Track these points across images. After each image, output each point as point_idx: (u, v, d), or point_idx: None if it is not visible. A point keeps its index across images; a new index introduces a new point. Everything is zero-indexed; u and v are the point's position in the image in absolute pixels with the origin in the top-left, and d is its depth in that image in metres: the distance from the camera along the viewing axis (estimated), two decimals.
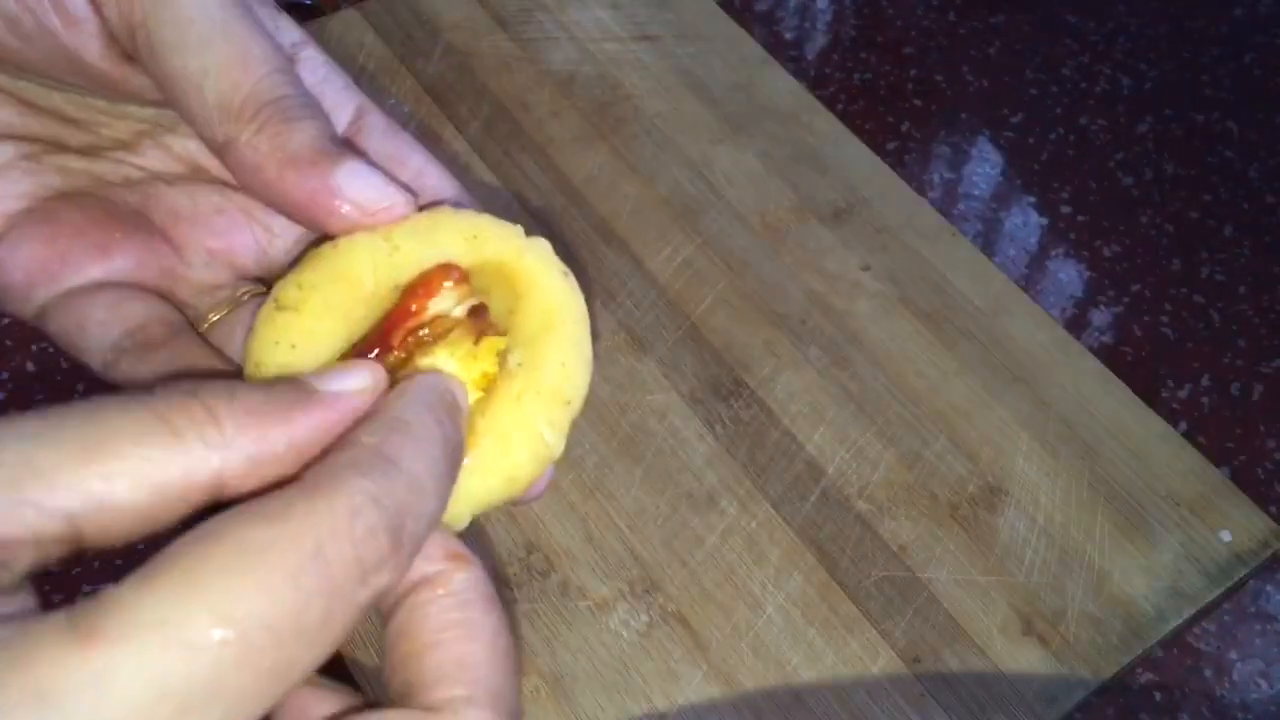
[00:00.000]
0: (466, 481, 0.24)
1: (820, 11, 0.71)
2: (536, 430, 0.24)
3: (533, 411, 0.24)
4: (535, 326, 0.25)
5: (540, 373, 0.24)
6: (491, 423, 0.24)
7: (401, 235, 0.25)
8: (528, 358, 0.25)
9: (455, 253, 0.25)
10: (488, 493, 0.24)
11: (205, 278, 0.29)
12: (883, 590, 0.47)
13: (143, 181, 0.29)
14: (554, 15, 0.65)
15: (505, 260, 0.25)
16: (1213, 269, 0.60)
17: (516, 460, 0.24)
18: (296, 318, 0.25)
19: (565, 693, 0.44)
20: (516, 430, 0.24)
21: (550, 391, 0.24)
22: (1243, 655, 0.48)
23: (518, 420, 0.24)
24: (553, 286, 0.25)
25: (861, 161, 0.60)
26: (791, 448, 0.51)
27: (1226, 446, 0.54)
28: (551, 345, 0.25)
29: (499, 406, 0.24)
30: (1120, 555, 0.48)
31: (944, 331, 0.54)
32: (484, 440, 0.24)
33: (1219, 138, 0.65)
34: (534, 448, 0.24)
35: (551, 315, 0.25)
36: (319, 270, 0.25)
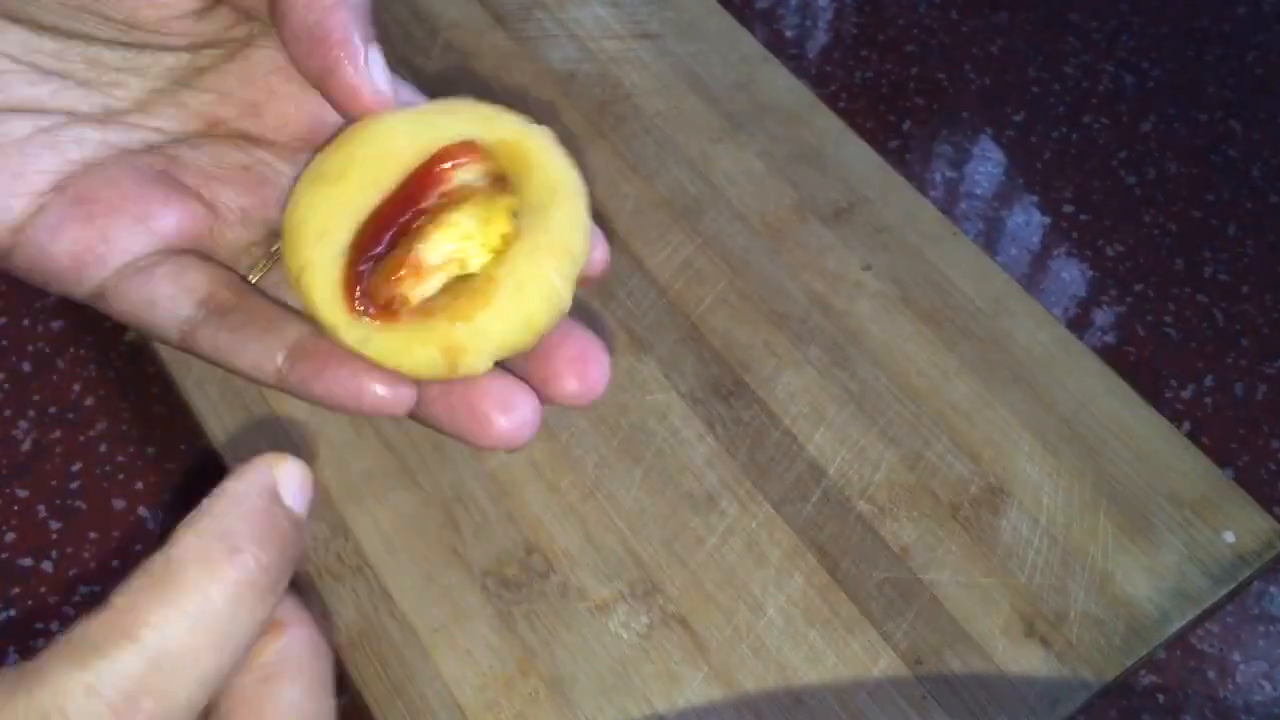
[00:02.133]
0: (489, 326, 0.26)
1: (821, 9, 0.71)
2: (549, 279, 0.27)
3: (545, 263, 0.27)
4: (543, 196, 0.28)
5: (550, 232, 0.27)
6: (508, 272, 0.27)
7: (431, 114, 0.28)
8: (536, 221, 0.27)
9: (475, 130, 0.28)
10: (508, 334, 0.27)
11: (241, 236, 0.29)
12: (884, 591, 0.47)
13: (163, 145, 0.29)
14: (553, 13, 0.65)
15: (516, 140, 0.28)
16: (1216, 268, 0.60)
17: (533, 306, 0.27)
18: (340, 187, 0.27)
19: (565, 695, 0.44)
20: (531, 279, 0.27)
21: (560, 246, 0.27)
22: (1246, 657, 0.48)
23: (532, 271, 0.27)
24: (556, 163, 0.28)
25: (863, 160, 0.60)
26: (792, 448, 0.50)
27: (1230, 447, 0.53)
28: (558, 210, 0.28)
29: (515, 260, 0.27)
30: (1123, 556, 0.47)
31: (945, 331, 0.54)
32: (503, 289, 0.26)
33: (1222, 137, 0.65)
34: (546, 294, 0.27)
35: (555, 187, 0.28)
36: (357, 144, 0.27)
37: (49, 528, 0.51)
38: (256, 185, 0.29)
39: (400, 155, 0.28)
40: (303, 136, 0.30)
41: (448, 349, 0.26)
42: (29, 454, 0.53)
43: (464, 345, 0.26)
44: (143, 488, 0.53)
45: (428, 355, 0.27)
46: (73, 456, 0.53)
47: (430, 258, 0.27)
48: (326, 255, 0.27)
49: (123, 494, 0.52)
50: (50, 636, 0.48)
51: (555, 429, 0.51)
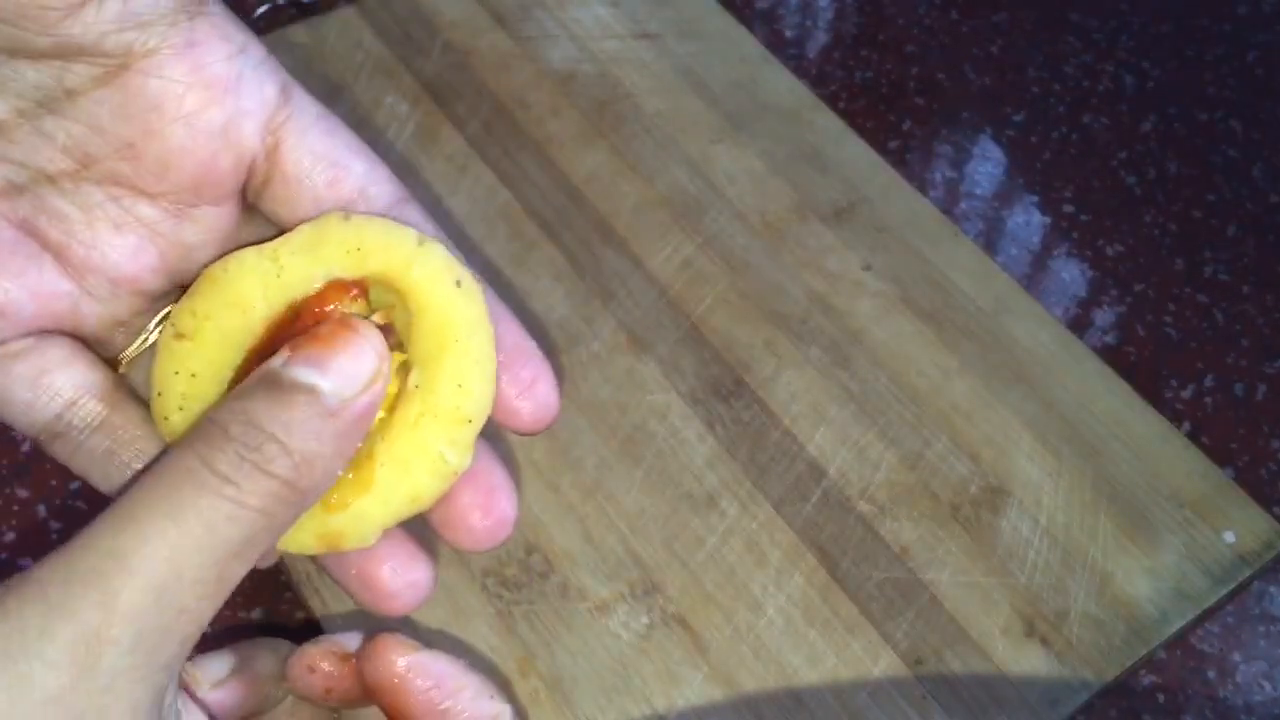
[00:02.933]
0: (368, 512, 0.24)
1: (821, 9, 0.71)
2: (436, 452, 0.25)
3: (432, 434, 0.24)
4: (431, 345, 0.25)
5: (436, 395, 0.24)
6: (390, 450, 0.24)
7: (287, 253, 0.25)
8: (424, 379, 0.25)
9: (341, 267, 0.25)
10: (392, 514, 0.25)
11: (113, 310, 0.26)
12: (884, 592, 0.47)
13: (26, 187, 0.25)
14: (553, 13, 0.65)
15: (392, 275, 0.25)
16: (1216, 268, 0.60)
17: (419, 481, 0.25)
18: (194, 346, 0.25)
19: (565, 695, 0.44)
20: (415, 456, 0.24)
21: (449, 412, 0.24)
22: (1246, 657, 0.48)
23: (416, 445, 0.24)
24: (444, 302, 0.25)
25: (863, 160, 0.60)
26: (792, 448, 0.50)
27: (1230, 447, 0.53)
28: (447, 364, 0.24)
29: (397, 432, 0.24)
30: (1123, 556, 0.47)
31: (946, 331, 0.54)
32: (382, 469, 0.24)
33: (1222, 137, 0.65)
34: (435, 468, 0.25)
35: (444, 333, 0.25)
36: (210, 296, 0.25)
37: (49, 528, 0.51)
38: (131, 250, 0.26)
39: (253, 306, 0.25)
40: (186, 188, 0.25)
41: (324, 535, 0.25)
42: (29, 454, 0.53)
43: (342, 531, 0.25)
44: None
45: (303, 541, 0.25)
46: None
47: None
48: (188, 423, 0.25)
49: None
50: None
51: (555, 429, 0.51)
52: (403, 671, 0.26)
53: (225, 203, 0.26)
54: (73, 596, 0.19)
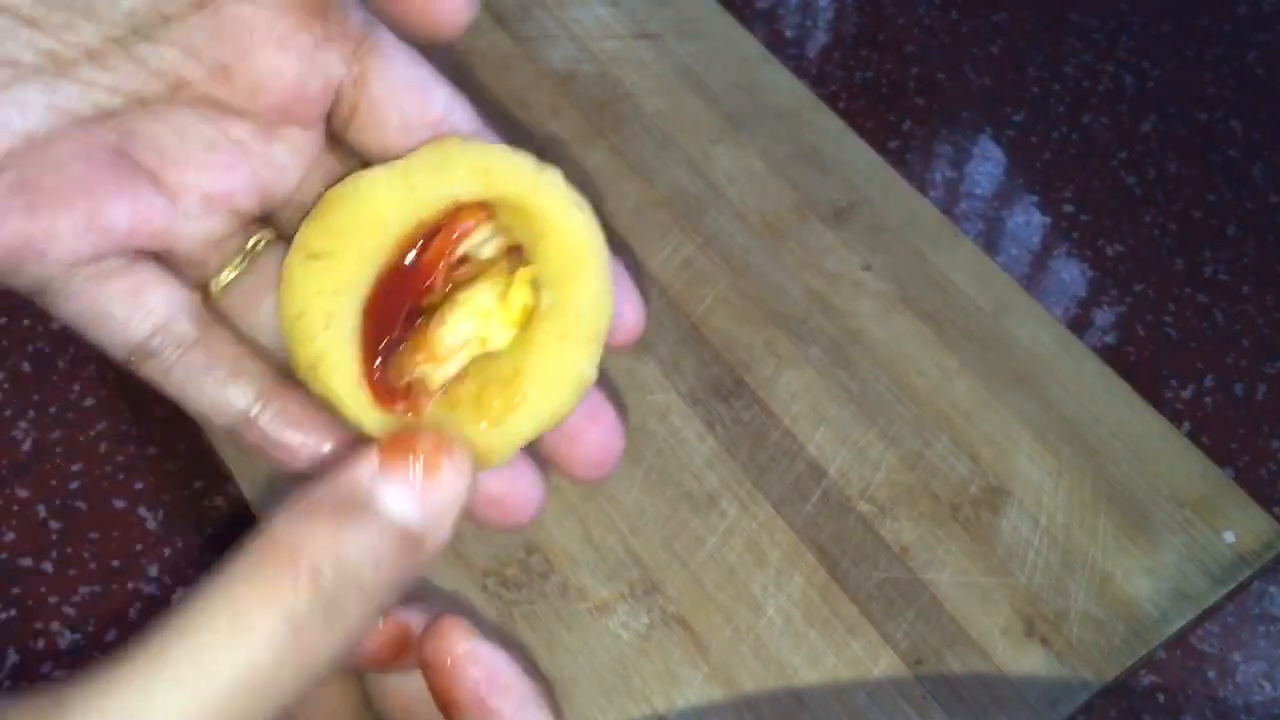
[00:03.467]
0: (518, 424, 0.25)
1: (821, 9, 0.71)
2: (580, 369, 0.26)
3: (575, 351, 0.25)
4: (562, 265, 0.26)
5: (575, 314, 0.26)
6: (537, 365, 0.25)
7: (418, 173, 0.25)
8: (560, 297, 0.26)
9: (469, 189, 0.26)
10: (536, 430, 0.25)
11: (206, 229, 0.26)
12: (884, 592, 0.47)
13: (119, 112, 0.25)
14: (553, 13, 0.65)
15: (521, 197, 0.26)
16: (1216, 268, 0.60)
17: (562, 398, 0.25)
18: (335, 264, 0.25)
19: (565, 695, 0.44)
20: (560, 371, 0.25)
21: (589, 329, 0.26)
22: (1246, 657, 0.48)
23: (561, 363, 0.25)
24: (572, 225, 0.26)
25: (863, 160, 0.60)
26: (792, 448, 0.50)
27: (1230, 447, 0.53)
28: (582, 285, 0.26)
29: (541, 348, 0.25)
30: (1123, 556, 0.47)
31: (946, 331, 0.54)
32: (532, 387, 0.25)
33: (1222, 137, 0.65)
34: (577, 384, 0.26)
35: (575, 255, 0.26)
36: (344, 215, 0.25)
37: (49, 528, 0.51)
38: (224, 167, 0.26)
39: (389, 222, 0.25)
40: (280, 108, 0.26)
41: (475, 451, 0.25)
42: (29, 454, 0.53)
43: (492, 447, 0.25)
44: (143, 488, 0.53)
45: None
46: (73, 456, 0.53)
47: (449, 340, 0.26)
48: (338, 343, 0.25)
49: (123, 494, 0.52)
50: (50, 637, 0.48)
51: None
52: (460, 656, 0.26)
53: (313, 127, 0.27)
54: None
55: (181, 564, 0.50)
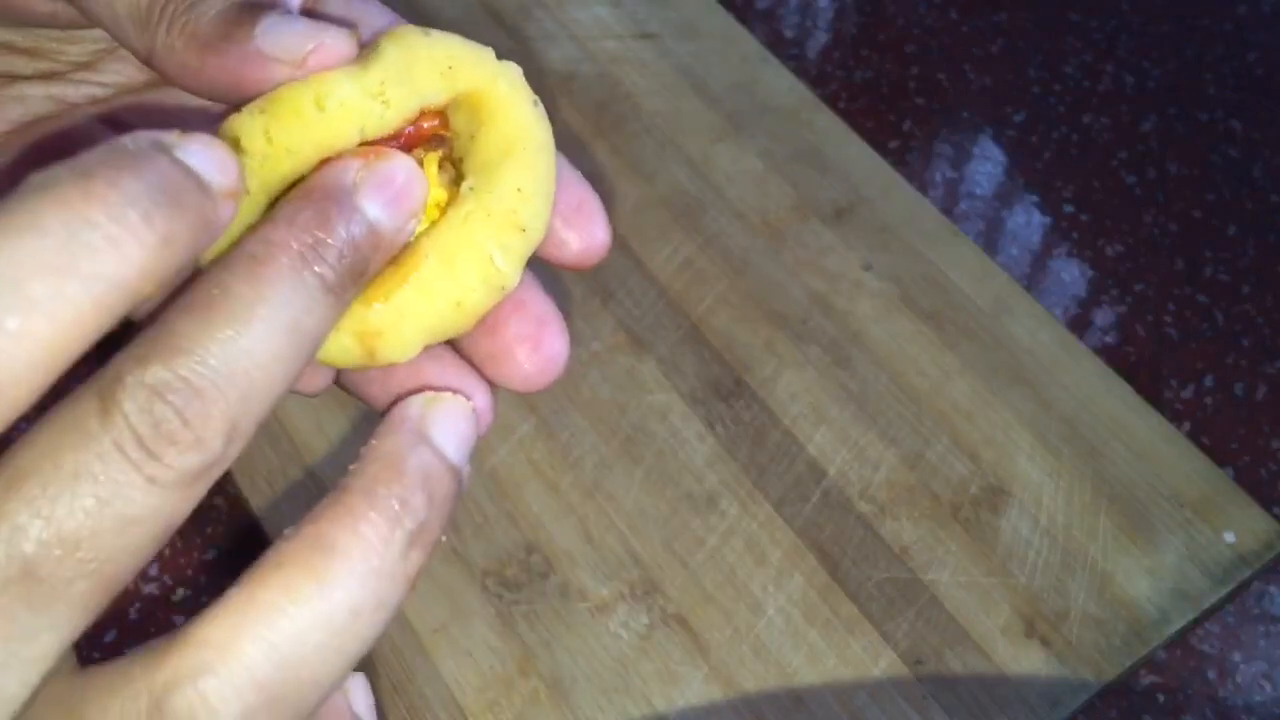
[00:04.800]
0: (410, 307, 0.23)
1: (821, 9, 0.71)
2: (485, 252, 0.23)
3: (482, 233, 0.23)
4: (495, 152, 0.24)
5: (492, 196, 0.23)
6: (436, 243, 0.23)
7: (384, 82, 0.23)
8: (481, 182, 0.24)
9: (434, 90, 0.24)
10: (434, 317, 0.23)
11: None
12: (884, 592, 0.47)
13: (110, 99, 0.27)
14: (553, 13, 0.65)
15: (481, 91, 0.24)
16: (1216, 268, 0.60)
17: (464, 282, 0.23)
18: (259, 165, 0.22)
19: (564, 695, 0.44)
20: (463, 250, 0.23)
21: (502, 215, 0.23)
22: (1246, 657, 0.48)
23: (465, 241, 0.23)
24: (519, 114, 0.24)
25: (863, 160, 0.60)
26: (792, 448, 0.50)
27: (1230, 447, 0.53)
28: (509, 170, 0.24)
29: (446, 227, 0.23)
30: (1123, 556, 0.47)
31: (946, 331, 0.54)
32: (427, 260, 0.23)
33: (1223, 136, 0.65)
34: (483, 271, 0.23)
35: (513, 141, 0.24)
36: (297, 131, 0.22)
37: None
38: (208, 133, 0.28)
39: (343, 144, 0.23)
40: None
41: (362, 334, 0.23)
42: None
43: (380, 329, 0.23)
44: None
45: (339, 343, 0.23)
46: None
47: None
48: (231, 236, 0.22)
49: None
50: None
51: (555, 429, 0.51)
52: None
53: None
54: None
55: (181, 564, 0.50)
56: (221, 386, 0.18)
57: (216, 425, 0.18)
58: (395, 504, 0.20)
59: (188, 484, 0.18)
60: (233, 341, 0.18)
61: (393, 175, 0.21)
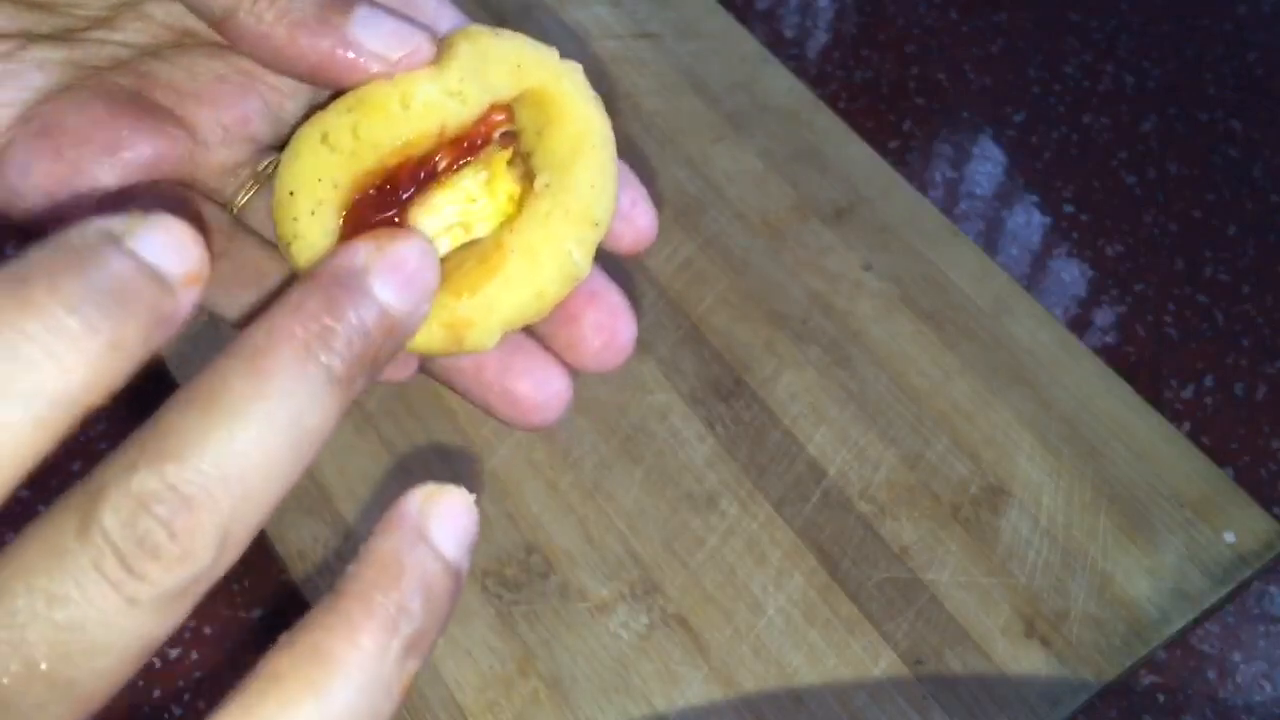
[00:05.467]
0: (496, 300, 0.24)
1: (821, 9, 0.71)
2: (564, 248, 0.25)
3: (561, 230, 0.25)
4: (565, 150, 0.25)
5: (569, 194, 0.25)
6: (520, 239, 0.25)
7: (462, 80, 0.25)
8: (556, 180, 0.25)
9: (504, 87, 0.25)
10: (517, 308, 0.25)
11: (225, 158, 0.27)
12: (884, 592, 0.47)
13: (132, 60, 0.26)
14: (553, 13, 0.65)
15: (544, 87, 0.26)
16: (1216, 268, 0.60)
17: (545, 275, 0.25)
18: (348, 161, 0.24)
19: (564, 695, 0.44)
20: (545, 246, 0.25)
21: (579, 212, 0.25)
22: (1246, 657, 0.48)
23: (546, 237, 0.25)
24: (585, 112, 0.26)
25: (863, 160, 0.60)
26: (792, 448, 0.50)
27: (1230, 447, 0.53)
28: (581, 168, 0.25)
29: (527, 224, 0.25)
30: (1123, 556, 0.47)
31: (946, 331, 0.54)
32: (512, 256, 0.24)
33: (1223, 137, 0.65)
34: (561, 264, 0.25)
35: (581, 139, 0.25)
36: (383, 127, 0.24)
37: None
38: (237, 98, 0.27)
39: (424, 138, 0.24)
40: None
41: (451, 324, 0.24)
42: None
43: (469, 320, 0.24)
44: None
45: (429, 332, 0.24)
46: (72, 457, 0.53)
47: (428, 223, 0.25)
48: (318, 229, 0.24)
49: None
50: None
51: (555, 429, 0.51)
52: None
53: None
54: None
55: None
56: (214, 493, 0.17)
57: (206, 536, 0.17)
58: (393, 610, 0.19)
59: (170, 601, 0.17)
60: (227, 443, 0.17)
61: (406, 257, 0.21)
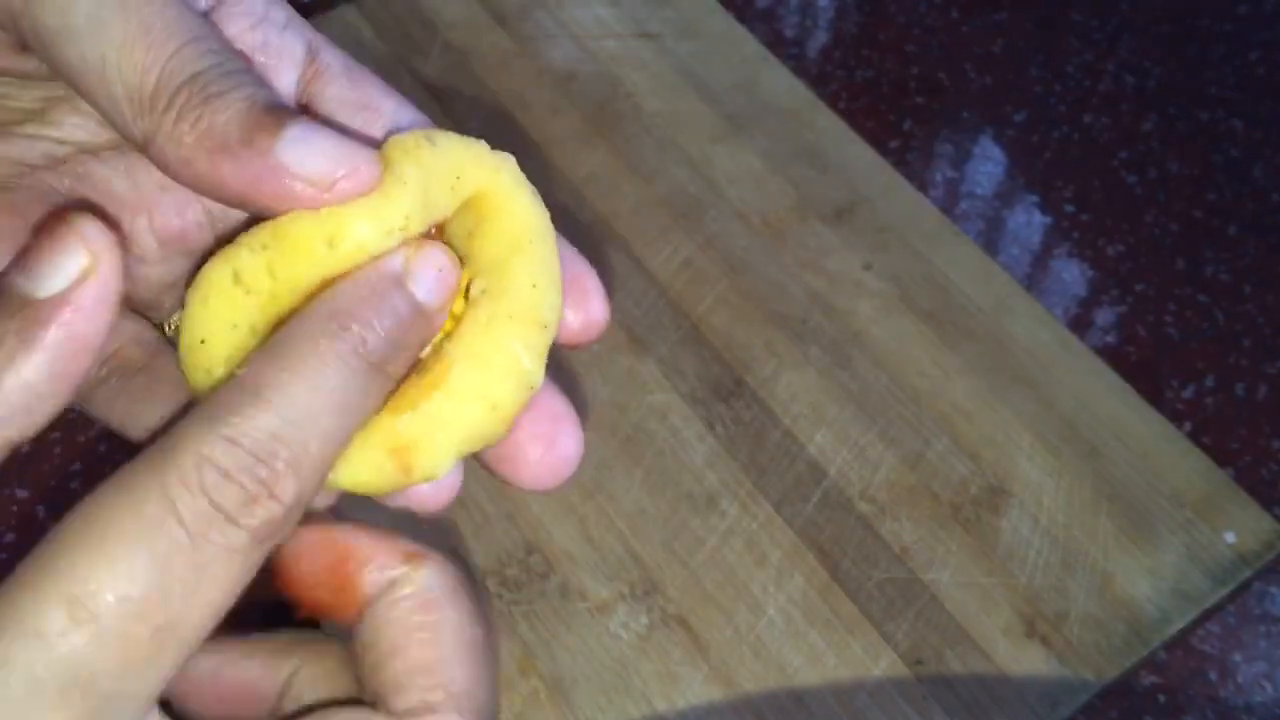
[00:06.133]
0: (444, 414, 0.22)
1: (821, 9, 0.71)
2: (512, 352, 0.22)
3: (506, 334, 0.22)
4: (501, 249, 0.23)
5: (510, 297, 0.23)
6: (462, 348, 0.22)
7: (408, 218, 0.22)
8: (493, 283, 0.23)
9: (446, 205, 0.23)
10: (470, 424, 0.22)
11: (161, 273, 0.25)
12: (885, 592, 0.47)
13: (69, 159, 0.25)
14: (553, 13, 0.65)
15: (485, 190, 0.23)
16: (1217, 268, 0.60)
17: (496, 384, 0.22)
18: (264, 303, 0.22)
19: (565, 695, 0.44)
20: (492, 353, 0.22)
21: (523, 314, 0.23)
22: (1247, 657, 0.48)
23: (490, 343, 0.22)
24: (522, 208, 0.23)
25: (863, 160, 0.60)
26: (792, 448, 0.50)
27: (1231, 447, 0.53)
28: (520, 267, 0.23)
29: (468, 332, 0.22)
30: (1124, 557, 0.47)
31: (946, 331, 0.54)
32: (456, 366, 0.22)
33: (1223, 136, 0.65)
34: (512, 370, 0.22)
35: (519, 236, 0.23)
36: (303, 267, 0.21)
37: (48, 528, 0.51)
38: (177, 210, 0.25)
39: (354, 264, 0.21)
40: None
41: (396, 450, 0.22)
42: (28, 454, 0.53)
43: (416, 441, 0.22)
44: None
45: (372, 462, 0.22)
46: (72, 457, 0.53)
47: None
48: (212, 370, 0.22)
49: None
50: None
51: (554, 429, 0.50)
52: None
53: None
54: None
55: None
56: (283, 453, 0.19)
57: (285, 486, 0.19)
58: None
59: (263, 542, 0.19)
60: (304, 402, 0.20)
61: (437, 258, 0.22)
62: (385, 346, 0.21)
